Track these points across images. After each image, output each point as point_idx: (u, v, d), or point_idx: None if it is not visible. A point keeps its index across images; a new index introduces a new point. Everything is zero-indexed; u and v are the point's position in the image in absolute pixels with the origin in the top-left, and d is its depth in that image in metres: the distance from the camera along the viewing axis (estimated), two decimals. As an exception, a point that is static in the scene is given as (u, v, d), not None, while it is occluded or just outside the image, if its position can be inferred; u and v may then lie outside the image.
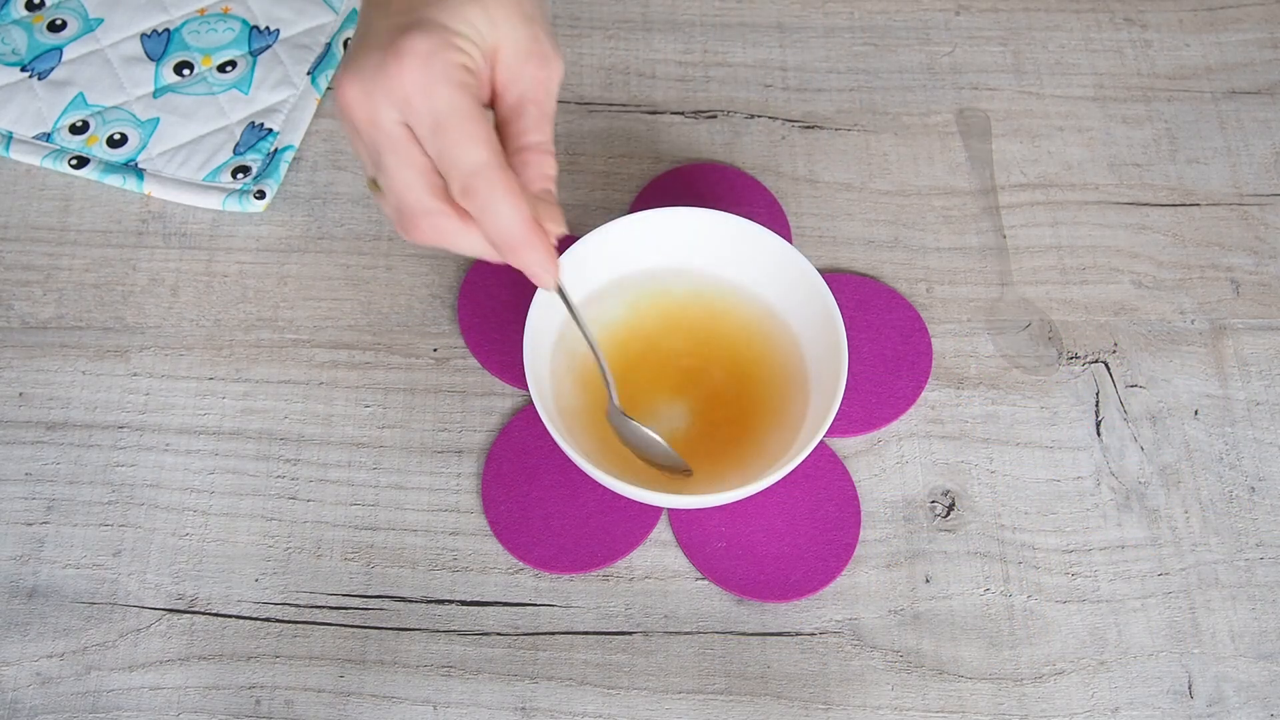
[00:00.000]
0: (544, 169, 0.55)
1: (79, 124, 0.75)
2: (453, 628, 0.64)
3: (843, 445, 0.68)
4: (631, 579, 0.65)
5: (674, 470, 0.64)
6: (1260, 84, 0.79)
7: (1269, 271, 0.73)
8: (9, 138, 0.74)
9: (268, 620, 0.64)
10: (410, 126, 0.52)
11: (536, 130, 0.55)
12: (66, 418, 0.68)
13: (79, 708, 0.62)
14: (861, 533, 0.66)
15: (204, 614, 0.64)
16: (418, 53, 0.51)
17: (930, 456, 0.68)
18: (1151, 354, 0.71)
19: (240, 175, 0.73)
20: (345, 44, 0.78)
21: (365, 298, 0.72)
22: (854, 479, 0.67)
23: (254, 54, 0.77)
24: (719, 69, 0.79)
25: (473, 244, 0.54)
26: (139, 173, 0.73)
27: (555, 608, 0.64)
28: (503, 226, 0.52)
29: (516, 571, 0.65)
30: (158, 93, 0.76)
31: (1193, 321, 0.72)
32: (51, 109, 0.75)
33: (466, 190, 0.52)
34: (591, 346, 0.61)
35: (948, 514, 0.67)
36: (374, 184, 0.55)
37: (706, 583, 0.65)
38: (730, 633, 0.64)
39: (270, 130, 0.75)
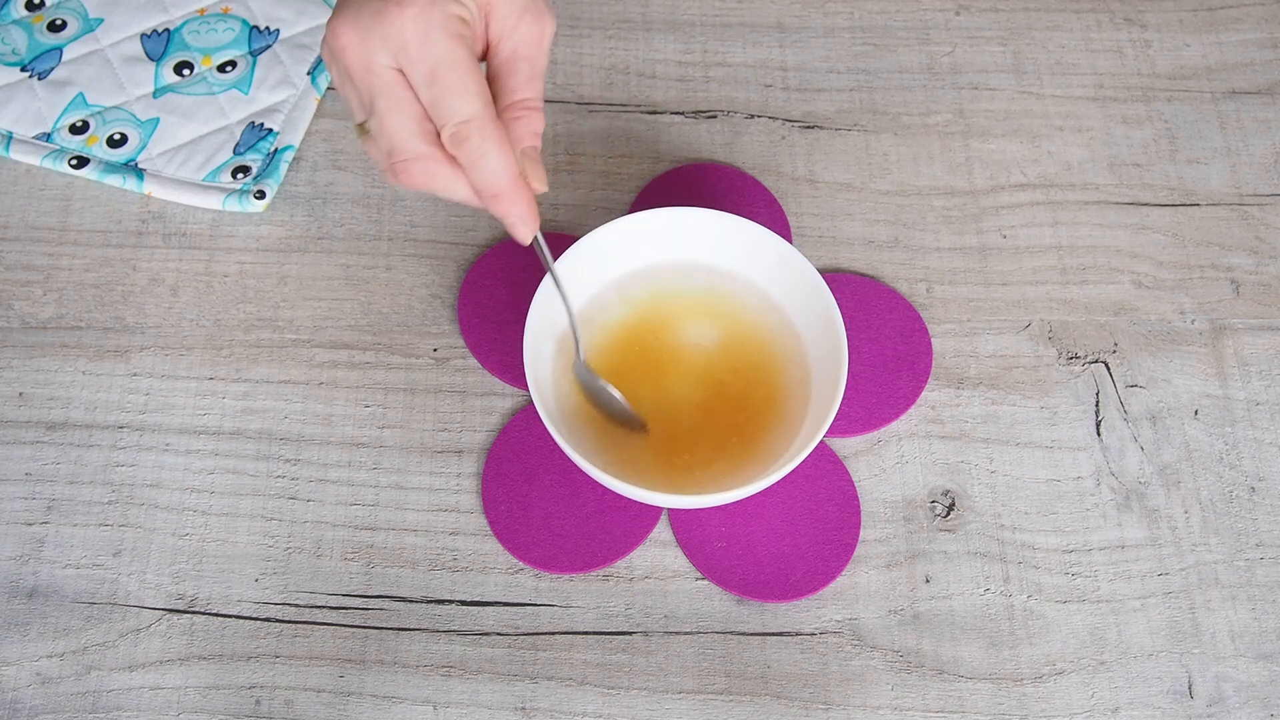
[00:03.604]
0: (532, 125, 0.57)
1: (79, 124, 0.75)
2: (453, 628, 0.64)
3: (843, 445, 0.68)
4: (631, 579, 0.65)
5: (631, 427, 0.64)
6: (1260, 84, 0.79)
7: (1269, 271, 0.73)
8: (9, 138, 0.74)
9: (268, 620, 0.64)
10: (404, 73, 0.53)
11: (527, 87, 0.57)
12: (66, 418, 0.68)
13: (79, 708, 0.62)
14: (861, 533, 0.66)
15: (204, 614, 0.64)
16: (417, 1, 0.52)
17: (930, 456, 0.68)
18: (1151, 354, 0.71)
19: (240, 175, 0.73)
20: (345, 44, 0.78)
21: (365, 298, 0.72)
22: (854, 479, 0.67)
23: (254, 54, 0.77)
24: (719, 69, 0.79)
25: (459, 190, 0.56)
26: (139, 173, 0.73)
27: (555, 608, 0.64)
28: (489, 176, 0.54)
29: (516, 571, 0.65)
30: (158, 93, 0.76)
31: (1193, 321, 0.72)
32: (51, 109, 0.75)
33: (457, 138, 0.54)
34: (564, 301, 0.63)
35: (948, 514, 0.67)
36: (362, 128, 0.56)
37: (706, 583, 0.65)
38: (730, 633, 0.64)
39: (270, 130, 0.75)
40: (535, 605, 0.64)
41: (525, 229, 0.57)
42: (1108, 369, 0.71)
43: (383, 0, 0.53)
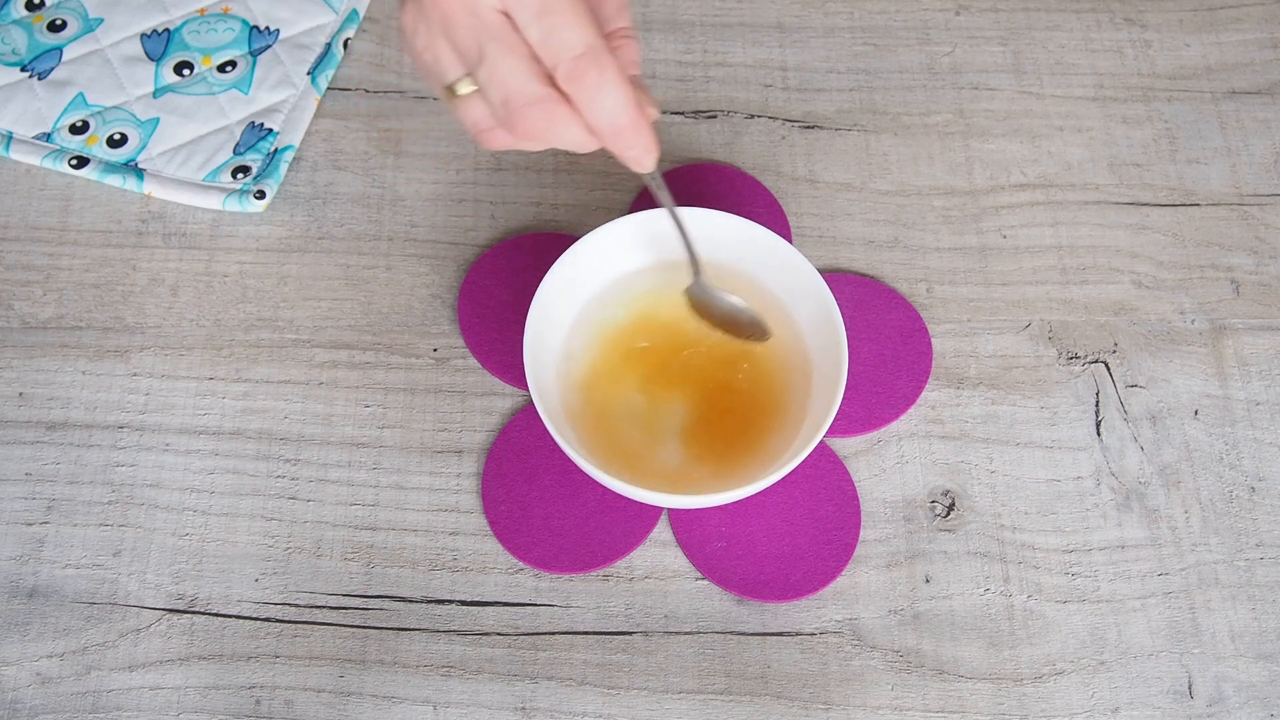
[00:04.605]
0: (631, 54, 0.55)
1: (79, 124, 0.75)
2: (453, 628, 0.64)
3: (843, 445, 0.68)
4: (631, 579, 0.65)
5: (754, 333, 0.65)
6: (1260, 84, 0.79)
7: (1269, 271, 0.73)
8: (9, 138, 0.74)
9: (268, 620, 0.64)
10: (508, 13, 0.51)
11: (620, 15, 0.55)
12: (66, 418, 0.68)
13: (79, 708, 0.62)
14: (861, 533, 0.66)
15: (204, 614, 0.64)
16: None
17: (930, 456, 0.68)
18: (1151, 354, 0.71)
19: (240, 175, 0.73)
20: (345, 44, 0.78)
21: (365, 298, 0.72)
22: (854, 479, 0.67)
23: (254, 54, 0.77)
24: (719, 69, 0.79)
25: (573, 132, 0.53)
26: (139, 173, 0.73)
27: (555, 608, 0.64)
28: (610, 110, 0.52)
29: (516, 571, 0.65)
30: (158, 93, 0.76)
31: (1193, 321, 0.72)
32: (51, 109, 0.75)
33: (574, 74, 0.51)
34: (677, 223, 0.62)
35: (948, 514, 0.67)
36: (451, 91, 0.54)
37: (706, 583, 0.65)
38: (730, 633, 0.64)
39: (270, 130, 0.75)
40: (535, 605, 0.64)
41: (648, 158, 0.55)
42: (1108, 369, 0.71)
43: None
